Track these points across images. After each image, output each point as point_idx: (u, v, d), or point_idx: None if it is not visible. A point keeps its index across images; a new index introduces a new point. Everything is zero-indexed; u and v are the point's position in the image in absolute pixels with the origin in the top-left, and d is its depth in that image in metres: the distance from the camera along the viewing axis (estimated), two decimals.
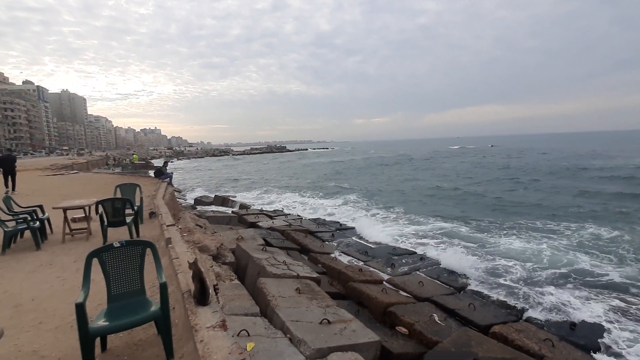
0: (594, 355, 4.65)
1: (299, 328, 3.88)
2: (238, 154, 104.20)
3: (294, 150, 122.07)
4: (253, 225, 11.03)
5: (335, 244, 9.98)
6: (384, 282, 6.73)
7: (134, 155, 50.34)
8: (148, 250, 2.58)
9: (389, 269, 7.71)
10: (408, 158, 57.82)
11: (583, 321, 5.40)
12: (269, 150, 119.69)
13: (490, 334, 4.76)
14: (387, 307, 5.41)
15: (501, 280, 7.27)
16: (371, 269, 7.61)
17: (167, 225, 5.03)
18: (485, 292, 6.54)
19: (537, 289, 6.94)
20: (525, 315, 5.77)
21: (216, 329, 2.03)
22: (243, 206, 15.98)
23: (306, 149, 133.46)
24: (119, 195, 7.39)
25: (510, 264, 8.23)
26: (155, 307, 2.27)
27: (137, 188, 7.78)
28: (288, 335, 3.82)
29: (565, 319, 5.34)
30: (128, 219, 5.92)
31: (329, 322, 4.10)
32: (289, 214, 14.21)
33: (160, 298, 2.23)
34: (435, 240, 10.47)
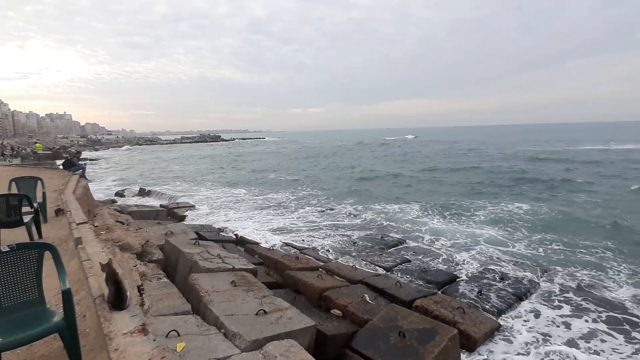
0: (498, 318, 5.40)
1: (234, 321, 3.81)
2: (167, 143, 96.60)
3: (229, 140, 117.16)
4: (184, 218, 10.42)
5: (274, 234, 9.94)
6: (320, 269, 6.92)
7: (37, 144, 43.27)
8: (49, 254, 2.25)
9: (324, 255, 7.94)
10: (345, 148, 59.69)
11: (489, 288, 6.23)
12: (202, 139, 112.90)
13: (414, 308, 5.24)
14: (323, 292, 5.59)
15: (424, 258, 8.00)
16: (308, 256, 7.76)
17: (78, 224, 4.46)
18: (411, 268, 7.13)
19: (453, 261, 7.80)
20: (445, 286, 6.45)
21: (135, 334, 1.87)
22: (173, 199, 14.96)
23: (243, 139, 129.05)
24: (14, 190, 6.33)
25: (434, 241, 9.10)
26: (58, 317, 2.00)
27: (39, 182, 6.74)
28: (223, 330, 3.73)
29: (474, 288, 6.10)
30: (27, 218, 5.11)
31: (265, 312, 4.10)
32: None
33: (64, 307, 1.97)
34: (368, 224, 11.08)
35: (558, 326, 5.27)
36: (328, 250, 8.21)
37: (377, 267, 7.12)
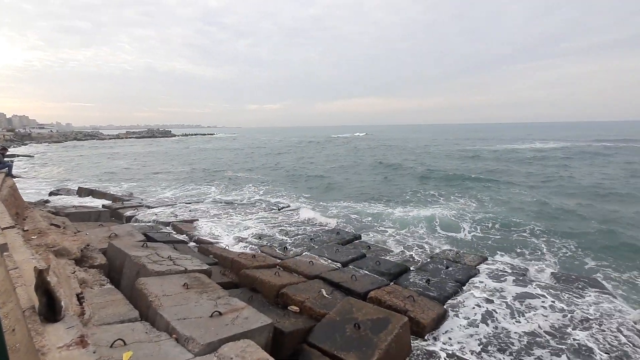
0: (444, 304, 5.79)
1: (187, 325, 3.68)
2: (110, 138, 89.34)
3: (181, 135, 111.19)
4: (131, 219, 9.76)
5: (229, 232, 9.68)
6: (277, 266, 6.90)
7: None
8: None
9: (281, 252, 7.93)
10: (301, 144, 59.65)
11: (437, 277, 6.65)
12: (151, 134, 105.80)
13: (368, 299, 5.45)
14: (280, 289, 5.59)
15: (378, 251, 8.32)
16: (265, 254, 7.69)
17: (3, 228, 4.00)
18: (366, 262, 7.36)
19: (405, 253, 8.21)
20: (398, 277, 6.77)
21: (72, 347, 1.73)
22: (117, 199, 13.90)
23: (196, 134, 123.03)
24: None
25: (387, 235, 9.49)
26: None
27: None
28: (174, 336, 3.58)
29: (423, 277, 6.48)
30: None
31: (220, 313, 4.01)
32: (179, 205, 13.06)
33: None
34: (325, 220, 11.23)
35: (496, 307, 5.78)
36: (285, 247, 8.19)
37: (334, 262, 7.26)
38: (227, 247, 7.94)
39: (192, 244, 8.31)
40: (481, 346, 4.83)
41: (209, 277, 5.39)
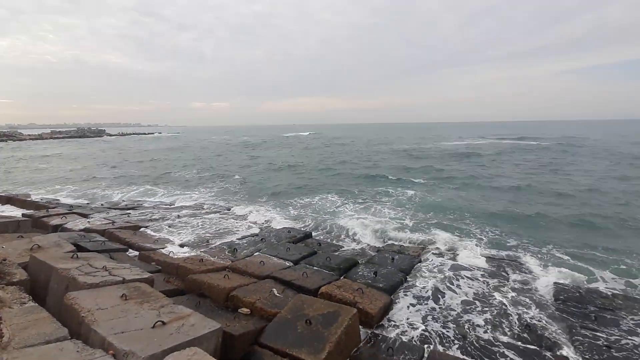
0: (391, 295, 6.11)
1: (126, 339, 3.43)
2: (32, 139, 79.15)
3: (117, 135, 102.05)
4: (58, 228, 8.78)
5: (173, 237, 9.17)
6: (227, 269, 6.71)
7: None
8: None
9: (230, 254, 7.73)
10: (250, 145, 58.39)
11: (384, 268, 6.99)
12: (81, 134, 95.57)
13: (319, 295, 5.56)
14: (230, 292, 5.45)
15: (328, 247, 8.50)
16: (213, 258, 7.43)
17: None
18: (317, 258, 7.47)
19: (354, 248, 8.49)
20: (347, 271, 6.98)
21: None
22: (41, 206, 12.39)
23: (136, 134, 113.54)
24: None
25: (337, 231, 9.72)
26: None
27: None
28: (111, 352, 3.32)
29: (371, 270, 6.77)
30: None
31: (163, 323, 3.80)
32: (118, 210, 12.01)
33: None
34: (275, 220, 11.17)
35: (435, 289, 6.26)
36: (235, 249, 7.99)
37: (285, 261, 7.25)
38: (171, 253, 7.52)
39: (132, 251, 7.73)
40: (424, 324, 5.28)
41: (151, 285, 5.07)
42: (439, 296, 6.11)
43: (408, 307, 5.78)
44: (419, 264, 7.52)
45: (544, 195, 14.40)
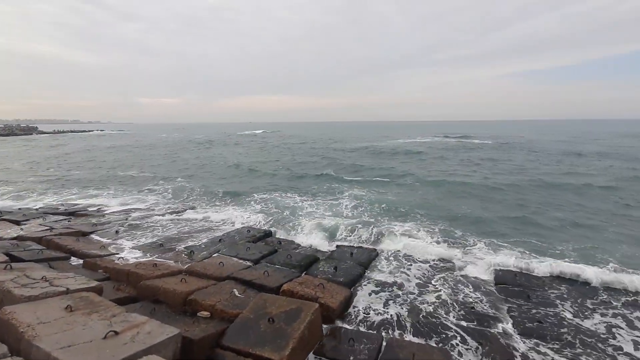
0: (351, 288, 6.31)
1: (74, 353, 3.20)
2: None
3: (52, 132, 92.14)
4: None
5: (123, 242, 8.60)
6: (183, 272, 6.47)
7: None
8: None
9: (187, 257, 7.45)
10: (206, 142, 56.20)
11: (343, 263, 7.19)
12: (8, 132, 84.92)
13: (281, 292, 5.59)
14: (187, 295, 5.28)
15: (289, 245, 8.53)
16: (168, 261, 7.11)
17: None
18: (278, 257, 7.47)
19: (314, 244, 8.62)
20: (309, 268, 7.08)
21: None
22: None
23: (73, 131, 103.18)
24: None
25: (297, 228, 9.78)
26: None
27: None
28: None
29: (331, 265, 6.93)
30: None
31: (116, 333, 3.59)
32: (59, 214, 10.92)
33: None
34: (232, 219, 10.94)
35: (394, 282, 6.59)
36: (192, 252, 7.71)
37: (245, 261, 7.16)
38: (121, 260, 7.06)
39: (75, 259, 7.12)
40: (382, 313, 5.54)
41: (99, 294, 4.75)
42: (395, 286, 6.46)
43: (367, 298, 6.02)
44: (376, 257, 7.85)
45: (481, 189, 15.65)
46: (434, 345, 4.78)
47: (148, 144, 51.79)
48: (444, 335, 4.99)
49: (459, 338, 4.94)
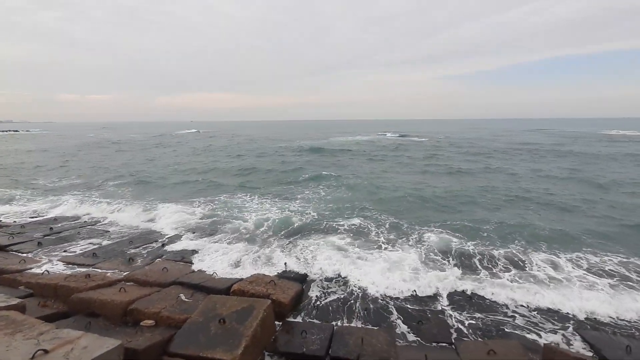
0: (303, 284, 6.42)
1: None
2: None
3: None
4: None
5: (48, 254, 7.68)
6: (122, 281, 6.02)
7: None
8: None
9: (126, 265, 6.93)
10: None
11: (285, 259, 7.29)
12: None
13: (232, 293, 5.50)
14: (128, 305, 4.95)
15: (235, 245, 8.38)
16: (103, 271, 6.55)
17: None
18: (222, 258, 7.32)
19: (265, 241, 8.58)
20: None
21: None
22: None
23: None
24: None
25: (246, 226, 9.63)
26: None
27: None
28: None
29: (282, 262, 6.99)
30: None
31: (46, 351, 3.26)
32: None
33: None
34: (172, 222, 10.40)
35: (340, 274, 6.84)
36: (131, 259, 7.18)
37: (191, 264, 6.88)
38: (46, 273, 6.32)
39: None
40: (332, 304, 5.76)
41: (22, 312, 4.24)
42: (342, 276, 6.70)
43: (318, 291, 6.19)
44: (327, 247, 8.06)
45: (414, 184, 16.84)
46: (380, 327, 5.11)
47: (72, 144, 46.29)
48: (386, 315, 5.39)
49: (401, 319, 5.36)
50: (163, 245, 8.36)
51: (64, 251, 7.88)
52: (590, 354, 4.43)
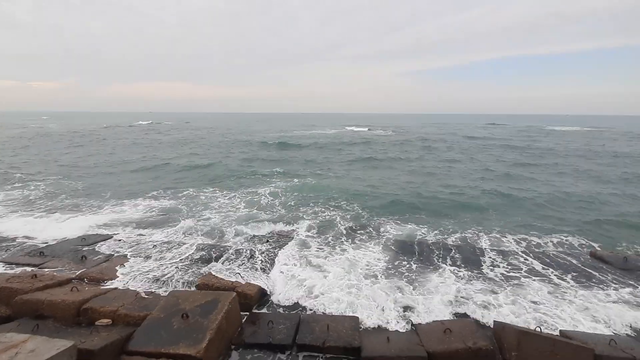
0: (268, 275, 6.39)
1: None
2: None
3: None
4: None
5: None
6: (74, 280, 5.64)
7: None
8: None
9: (79, 263, 6.49)
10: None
11: (259, 252, 7.22)
12: None
13: (196, 287, 5.35)
14: (81, 305, 4.67)
15: (203, 238, 8.15)
16: (51, 270, 6.08)
17: None
18: (182, 254, 7.07)
19: (229, 235, 8.42)
20: (223, 260, 6.89)
21: None
22: None
23: None
24: None
25: (211, 220, 9.37)
26: None
27: None
28: None
29: (247, 255, 6.90)
30: None
31: None
32: None
33: None
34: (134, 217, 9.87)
35: (308, 265, 6.88)
36: (84, 257, 6.72)
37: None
38: None
39: None
40: (298, 294, 5.77)
41: None
42: (310, 267, 6.74)
43: (284, 282, 6.18)
44: (291, 241, 8.06)
45: (374, 179, 17.23)
46: (345, 314, 5.23)
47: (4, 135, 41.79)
48: (354, 304, 5.51)
49: (367, 305, 5.52)
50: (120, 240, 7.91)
51: (3, 252, 7.20)
52: (535, 326, 4.85)
